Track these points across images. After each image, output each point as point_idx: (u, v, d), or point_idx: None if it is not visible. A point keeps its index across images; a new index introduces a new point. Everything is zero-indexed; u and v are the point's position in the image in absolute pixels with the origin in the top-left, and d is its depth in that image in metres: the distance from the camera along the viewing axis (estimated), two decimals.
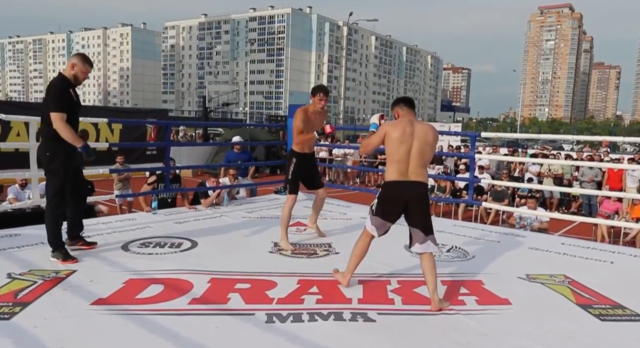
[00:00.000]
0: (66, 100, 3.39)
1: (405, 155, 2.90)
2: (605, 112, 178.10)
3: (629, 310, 2.89)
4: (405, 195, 2.93)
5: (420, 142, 2.90)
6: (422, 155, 2.91)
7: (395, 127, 2.96)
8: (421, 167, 2.93)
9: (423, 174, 2.94)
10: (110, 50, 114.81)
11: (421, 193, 2.95)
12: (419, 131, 2.92)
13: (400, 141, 2.90)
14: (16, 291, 2.83)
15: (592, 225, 7.30)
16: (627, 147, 25.00)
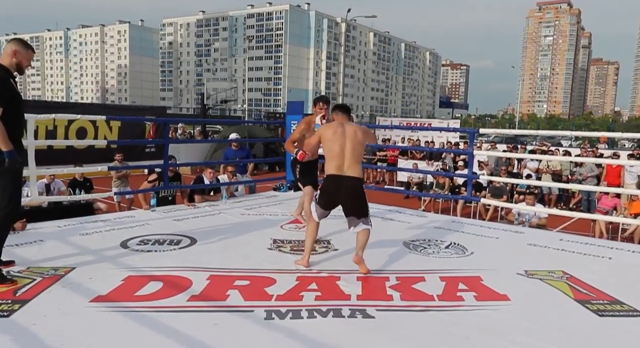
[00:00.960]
0: (6, 93, 2.92)
1: (340, 152, 3.33)
2: (604, 108, 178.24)
3: (627, 306, 2.90)
4: (341, 188, 3.34)
5: (351, 140, 3.35)
6: (353, 152, 3.35)
7: (328, 128, 3.47)
8: (355, 162, 3.35)
9: (357, 169, 3.36)
10: (108, 48, 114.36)
11: (354, 187, 3.34)
12: (348, 131, 3.39)
13: (332, 140, 3.36)
14: (15, 288, 2.83)
15: (591, 221, 7.31)
16: (625, 143, 25.02)
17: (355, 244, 3.39)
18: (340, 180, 3.35)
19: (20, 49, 3.03)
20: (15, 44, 3.05)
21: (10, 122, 2.94)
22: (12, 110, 2.96)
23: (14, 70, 3.04)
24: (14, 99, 2.98)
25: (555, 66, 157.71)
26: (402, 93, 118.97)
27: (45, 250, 3.61)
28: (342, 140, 3.35)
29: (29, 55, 3.09)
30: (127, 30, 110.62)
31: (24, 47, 3.06)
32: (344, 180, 3.34)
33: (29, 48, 3.10)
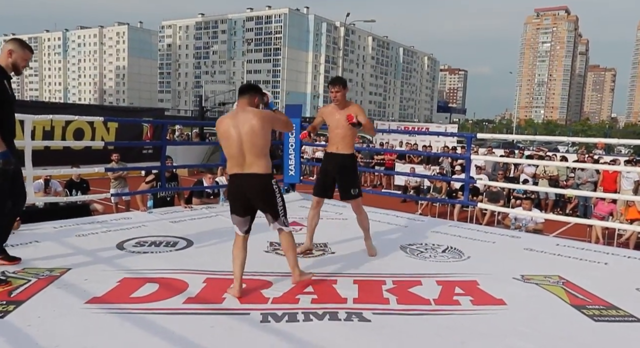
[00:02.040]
0: None
1: (236, 148, 2.84)
2: (601, 114, 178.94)
3: (622, 311, 2.90)
4: (242, 189, 2.92)
5: (246, 131, 2.80)
6: (251, 145, 2.82)
7: (220, 122, 2.95)
8: (255, 157, 2.84)
9: (258, 165, 2.85)
10: (107, 49, 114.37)
11: (254, 185, 2.89)
12: (242, 121, 2.82)
13: (225, 136, 2.86)
14: (10, 289, 2.81)
15: (587, 226, 7.34)
16: (622, 149, 25.13)
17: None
18: (242, 179, 2.91)
19: (17, 48, 3.00)
20: (12, 44, 3.03)
21: (4, 123, 2.93)
22: (5, 111, 2.95)
23: (11, 70, 3.02)
24: (6, 99, 2.96)
25: (553, 72, 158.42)
26: (400, 97, 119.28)
27: (41, 251, 3.59)
28: (236, 134, 2.83)
29: (25, 55, 3.05)
30: (126, 31, 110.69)
31: (21, 46, 3.03)
32: (245, 179, 2.90)
33: (26, 48, 3.07)
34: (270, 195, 2.93)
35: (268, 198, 2.93)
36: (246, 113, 2.86)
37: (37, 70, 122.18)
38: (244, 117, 2.83)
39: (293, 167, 6.64)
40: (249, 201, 2.93)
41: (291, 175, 6.69)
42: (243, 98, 2.94)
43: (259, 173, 2.86)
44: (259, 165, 2.85)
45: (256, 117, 2.83)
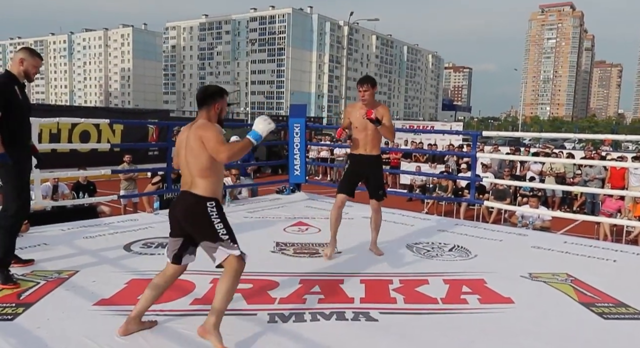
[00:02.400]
0: (3, 99, 3.00)
1: (182, 165, 2.47)
2: (607, 110, 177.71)
3: (632, 309, 2.88)
4: (173, 211, 2.47)
5: (186, 149, 2.41)
6: (187, 163, 2.42)
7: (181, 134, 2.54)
8: (191, 176, 2.41)
9: (194, 185, 2.39)
10: (112, 51, 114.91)
11: (185, 209, 2.40)
12: (188, 136, 2.41)
13: (176, 151, 2.53)
14: (19, 292, 2.84)
15: (595, 223, 7.29)
16: (629, 146, 24.95)
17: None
18: (175, 201, 2.55)
19: (27, 56, 3.15)
20: (23, 53, 3.18)
21: (12, 127, 3.06)
22: (15, 116, 3.07)
23: (23, 78, 3.17)
24: (16, 105, 3.09)
25: (558, 69, 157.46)
26: (404, 96, 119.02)
27: (49, 254, 3.62)
28: (182, 151, 2.45)
29: (35, 63, 3.20)
30: (131, 33, 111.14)
31: (31, 54, 3.18)
32: (176, 201, 2.52)
33: (36, 55, 3.22)
34: (200, 219, 2.39)
35: (198, 223, 2.41)
36: (193, 127, 2.45)
37: (43, 73, 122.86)
38: (189, 132, 2.44)
39: (298, 167, 6.65)
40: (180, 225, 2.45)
41: (297, 175, 6.69)
42: (201, 110, 2.50)
43: (193, 193, 2.40)
44: (195, 185, 2.40)
45: (195, 131, 2.39)
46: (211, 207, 2.40)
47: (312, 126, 18.56)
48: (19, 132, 3.15)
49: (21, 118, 3.17)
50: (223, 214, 2.47)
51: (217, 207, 2.43)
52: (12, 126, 3.07)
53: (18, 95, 3.11)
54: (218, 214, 2.42)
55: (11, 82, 3.10)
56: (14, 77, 3.13)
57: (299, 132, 6.58)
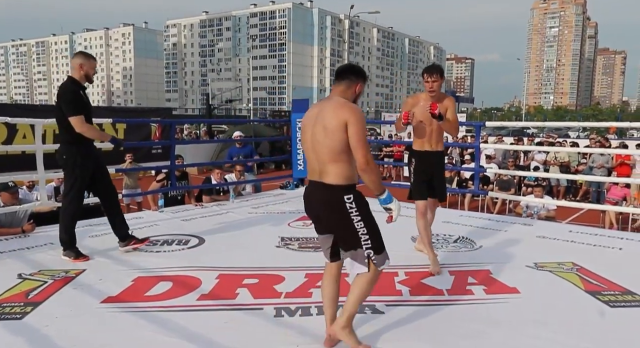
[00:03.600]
0: (80, 104, 3.41)
1: (307, 148, 2.20)
2: (612, 98, 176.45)
3: (638, 296, 2.87)
4: (310, 207, 2.25)
5: (316, 127, 2.12)
6: (314, 145, 2.13)
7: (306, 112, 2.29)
8: (322, 163, 2.11)
9: (324, 173, 2.11)
10: (113, 51, 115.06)
11: (320, 203, 2.15)
12: (322, 113, 2.12)
13: (302, 130, 2.25)
14: (27, 291, 2.86)
15: (600, 212, 7.26)
16: (634, 133, 24.79)
17: None
18: (307, 190, 2.27)
19: (84, 61, 3.45)
20: (80, 58, 3.47)
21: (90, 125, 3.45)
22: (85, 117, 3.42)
23: (84, 81, 3.49)
24: (83, 107, 3.44)
25: (562, 57, 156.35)
26: (407, 88, 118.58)
27: (56, 253, 3.64)
28: (309, 130, 2.17)
29: (92, 64, 3.50)
30: (132, 32, 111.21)
31: (87, 58, 3.48)
32: (309, 190, 2.24)
33: (91, 58, 3.51)
34: (338, 214, 2.12)
35: (335, 218, 2.14)
36: (328, 102, 2.18)
37: (45, 74, 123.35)
38: (324, 106, 2.15)
39: (302, 161, 6.65)
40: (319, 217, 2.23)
41: (300, 170, 6.69)
42: (337, 84, 2.23)
43: (326, 183, 2.11)
44: (328, 174, 2.11)
45: (331, 108, 2.11)
46: (349, 201, 2.09)
47: None
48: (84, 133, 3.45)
49: (87, 119, 3.47)
50: (365, 207, 2.15)
51: (356, 200, 2.11)
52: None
53: (83, 98, 3.44)
54: (358, 210, 2.12)
55: (78, 88, 3.45)
56: (77, 82, 3.46)
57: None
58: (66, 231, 3.52)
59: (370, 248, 2.14)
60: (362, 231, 2.12)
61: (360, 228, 2.12)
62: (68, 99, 3.39)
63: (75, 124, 3.37)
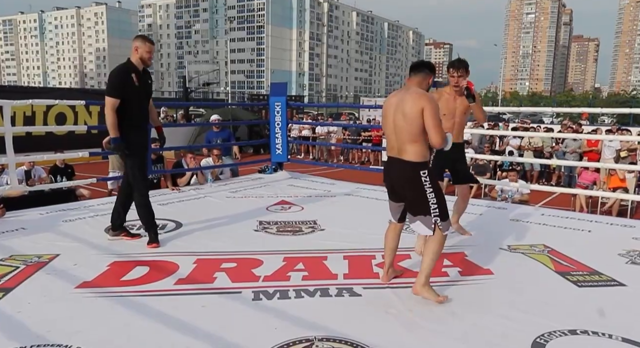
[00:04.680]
0: (119, 87, 3.37)
1: (389, 130, 2.64)
2: (584, 84, 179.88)
3: (605, 276, 2.98)
4: (388, 178, 2.74)
5: (396, 113, 2.57)
6: (395, 128, 2.58)
7: (386, 99, 2.75)
8: (401, 143, 2.57)
9: (403, 151, 2.57)
10: (85, 31, 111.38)
11: (399, 175, 2.63)
12: (403, 101, 2.56)
13: (383, 115, 2.70)
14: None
15: (571, 195, 7.47)
16: (605, 119, 25.43)
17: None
18: (387, 165, 2.76)
19: (140, 44, 3.44)
20: (136, 41, 3.48)
21: (130, 112, 3.42)
22: (130, 101, 3.40)
23: (140, 65, 3.46)
24: (133, 91, 3.41)
25: (537, 43, 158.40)
26: (385, 73, 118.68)
27: (28, 238, 3.57)
28: (391, 114, 2.61)
29: (147, 48, 3.45)
30: (104, 12, 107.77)
31: (142, 41, 3.47)
32: (390, 165, 2.72)
33: (147, 41, 3.49)
34: (414, 185, 2.57)
35: (411, 188, 2.59)
36: (406, 92, 2.59)
37: (13, 54, 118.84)
38: (403, 96, 2.58)
39: (280, 145, 6.62)
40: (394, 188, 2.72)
41: (278, 154, 6.67)
42: (412, 76, 2.68)
43: (405, 159, 2.56)
44: (407, 152, 2.55)
45: (410, 97, 2.53)
46: (424, 176, 2.55)
47: (293, 105, 18.42)
48: (136, 116, 3.48)
49: (137, 103, 3.47)
50: (435, 181, 2.61)
51: (430, 176, 2.57)
52: (129, 111, 3.41)
53: (134, 82, 3.41)
54: (431, 183, 2.56)
55: (128, 70, 3.41)
56: (132, 65, 3.44)
57: (280, 110, 6.53)
58: (144, 219, 3.57)
59: (437, 215, 2.57)
60: (432, 201, 2.56)
61: (432, 198, 2.56)
62: (109, 79, 3.43)
63: (106, 104, 3.36)
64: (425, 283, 2.55)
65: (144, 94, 3.54)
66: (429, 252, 2.59)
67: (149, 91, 3.60)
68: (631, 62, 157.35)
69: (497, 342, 2.16)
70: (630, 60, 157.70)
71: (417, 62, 2.75)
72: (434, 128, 2.48)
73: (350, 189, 5.85)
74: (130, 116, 3.43)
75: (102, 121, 10.55)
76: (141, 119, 3.56)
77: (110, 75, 3.44)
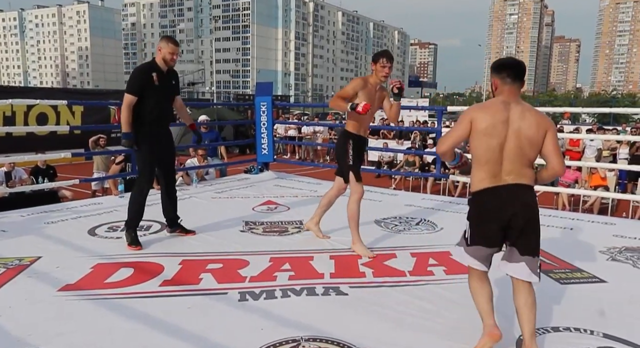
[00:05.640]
0: (138, 85, 3.41)
1: (496, 152, 2.04)
2: (566, 84, 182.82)
3: (586, 273, 3.04)
4: (504, 207, 2.04)
5: (521, 137, 2.02)
6: (510, 152, 2.03)
7: (484, 111, 2.09)
8: (519, 166, 2.04)
9: (524, 176, 2.05)
10: (67, 29, 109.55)
11: (525, 203, 2.04)
12: (523, 119, 2.03)
13: (487, 133, 2.04)
14: None
15: (554, 194, 7.58)
16: (587, 119, 25.89)
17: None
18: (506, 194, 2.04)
19: (163, 44, 3.49)
20: (161, 41, 3.54)
21: (146, 111, 3.44)
22: (149, 100, 3.43)
23: (164, 65, 3.50)
24: (152, 90, 3.43)
25: (520, 44, 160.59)
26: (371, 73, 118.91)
27: (9, 240, 3.50)
28: (504, 134, 2.03)
29: (169, 49, 3.47)
30: (87, 10, 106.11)
31: (166, 41, 3.51)
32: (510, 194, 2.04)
33: (171, 42, 3.51)
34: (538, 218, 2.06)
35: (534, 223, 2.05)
36: (523, 107, 2.08)
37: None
38: (522, 113, 2.05)
39: (266, 145, 6.60)
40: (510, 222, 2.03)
41: (264, 154, 6.65)
42: (515, 84, 2.12)
43: (527, 184, 2.05)
44: (526, 176, 2.05)
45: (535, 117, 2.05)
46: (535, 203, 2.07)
47: (279, 104, 18.36)
48: (153, 115, 3.48)
49: (156, 102, 3.47)
50: None
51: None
52: (146, 110, 3.44)
53: (154, 81, 3.43)
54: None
55: (149, 70, 3.46)
56: (155, 64, 3.50)
57: (265, 110, 6.51)
58: (129, 214, 3.55)
59: (539, 256, 2.08)
60: (540, 236, 2.07)
61: (540, 232, 2.08)
62: (130, 76, 3.50)
63: (124, 100, 3.41)
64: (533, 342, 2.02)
65: (165, 93, 3.57)
66: (532, 307, 2.06)
67: (173, 91, 3.66)
68: (611, 62, 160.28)
69: None
70: (611, 61, 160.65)
71: (517, 63, 2.18)
72: (558, 154, 2.07)
73: None
74: (145, 114, 3.45)
75: (85, 121, 10.49)
76: (159, 117, 3.57)
77: (132, 72, 3.52)
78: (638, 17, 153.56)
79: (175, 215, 3.81)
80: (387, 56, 3.38)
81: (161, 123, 3.63)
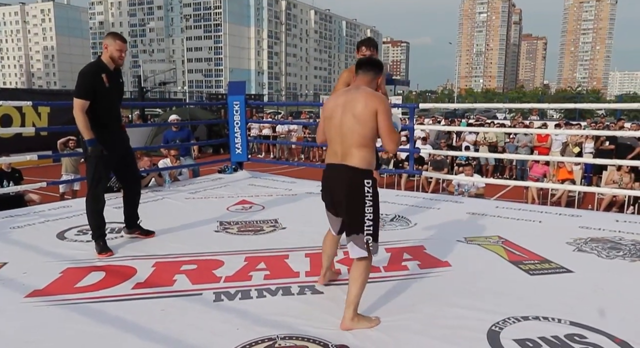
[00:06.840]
0: (90, 87, 3.21)
1: (334, 133, 2.31)
2: (534, 81, 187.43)
3: (554, 264, 3.13)
4: (326, 183, 2.42)
5: (346, 114, 2.26)
6: (342, 130, 2.27)
7: (329, 99, 2.45)
8: (347, 147, 2.26)
9: (349, 156, 2.25)
10: (31, 28, 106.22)
11: (340, 181, 2.29)
12: (353, 101, 2.26)
13: (327, 116, 2.36)
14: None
15: (524, 188, 7.78)
16: (554, 114, 26.65)
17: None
18: (329, 172, 2.38)
19: (110, 41, 3.28)
20: (106, 38, 3.31)
21: (99, 113, 3.27)
22: (101, 102, 3.25)
23: (112, 64, 3.31)
24: (103, 92, 3.25)
25: (490, 42, 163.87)
26: None
27: None
28: (339, 116, 2.29)
29: (118, 46, 3.27)
30: (52, 9, 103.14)
31: (112, 38, 3.30)
32: (332, 172, 2.35)
33: (117, 38, 3.30)
34: (353, 196, 2.25)
35: (349, 199, 2.27)
36: (357, 92, 2.29)
37: None
38: (353, 96, 2.28)
39: (240, 145, 6.55)
40: (330, 196, 2.40)
41: (238, 154, 6.60)
42: (362, 74, 2.39)
43: (350, 165, 2.25)
44: (354, 156, 2.25)
45: (362, 97, 2.24)
46: (368, 186, 2.25)
47: (252, 104, 18.25)
48: (105, 118, 3.32)
49: (108, 105, 3.31)
50: (377, 196, 2.29)
51: (373, 186, 2.27)
52: (99, 112, 3.25)
53: (104, 83, 3.24)
54: (373, 196, 2.26)
55: (97, 70, 3.25)
56: (102, 64, 3.28)
57: (238, 109, 6.47)
58: (89, 222, 3.39)
59: (370, 234, 2.27)
60: (368, 216, 2.26)
61: (368, 213, 2.26)
62: (78, 79, 3.26)
63: (74, 105, 3.21)
64: (354, 316, 2.24)
65: (115, 95, 3.40)
66: (355, 280, 2.25)
67: (120, 92, 3.49)
68: (576, 60, 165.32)
69: (455, 332, 2.23)
70: (576, 58, 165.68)
71: (365, 59, 2.53)
72: (389, 133, 2.24)
73: (311, 187, 5.86)
74: (98, 118, 3.28)
75: (53, 123, 10.20)
76: (111, 120, 3.42)
77: (79, 75, 3.26)
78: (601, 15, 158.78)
79: (133, 216, 3.67)
80: (366, 43, 3.38)
81: (115, 124, 3.49)
